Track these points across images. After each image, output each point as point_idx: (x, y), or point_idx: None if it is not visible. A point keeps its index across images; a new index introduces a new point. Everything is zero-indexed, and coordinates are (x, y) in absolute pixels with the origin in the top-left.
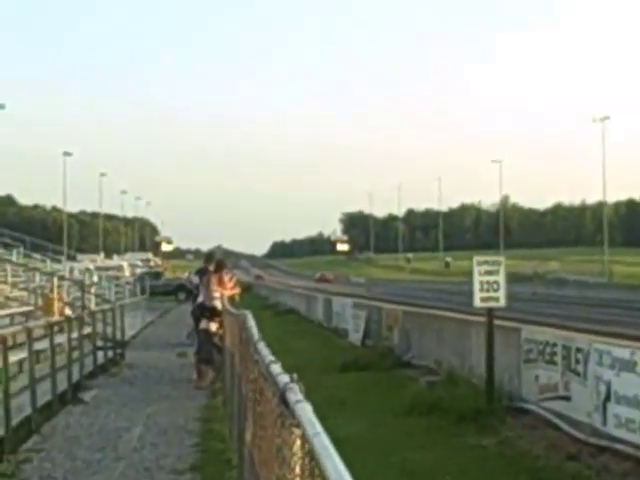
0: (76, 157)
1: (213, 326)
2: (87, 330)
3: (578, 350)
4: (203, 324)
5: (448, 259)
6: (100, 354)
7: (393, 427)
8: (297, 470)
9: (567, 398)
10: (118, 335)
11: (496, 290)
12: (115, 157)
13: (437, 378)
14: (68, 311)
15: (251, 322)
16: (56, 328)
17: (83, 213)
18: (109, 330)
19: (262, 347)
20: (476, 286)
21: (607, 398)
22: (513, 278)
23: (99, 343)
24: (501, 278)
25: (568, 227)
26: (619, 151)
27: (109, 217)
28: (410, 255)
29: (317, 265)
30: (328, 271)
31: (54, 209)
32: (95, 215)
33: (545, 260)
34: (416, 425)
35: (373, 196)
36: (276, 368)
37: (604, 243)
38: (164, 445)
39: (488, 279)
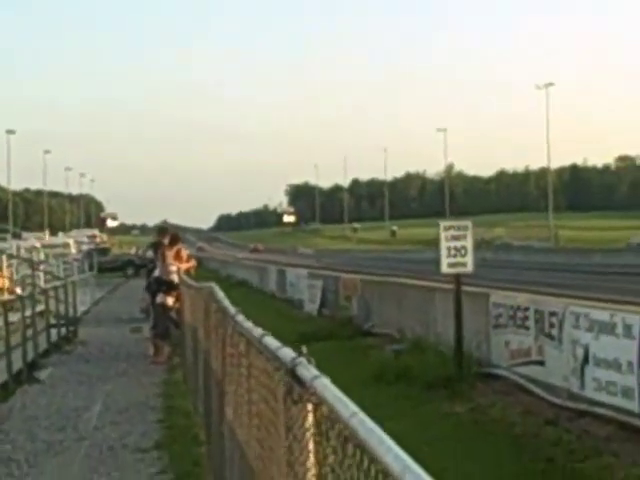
0: (19, 134)
1: (170, 300)
2: (39, 308)
3: (552, 314)
4: (159, 298)
5: (394, 228)
6: (53, 332)
7: (362, 397)
8: (310, 446)
9: (541, 363)
10: (70, 312)
11: (463, 255)
12: (59, 134)
13: (403, 346)
14: (18, 290)
15: (221, 294)
16: (8, 306)
17: (27, 191)
18: (61, 307)
19: (243, 320)
20: (443, 252)
21: (585, 361)
22: None
23: (52, 321)
24: (468, 243)
25: (512, 194)
26: (562, 118)
27: (54, 194)
28: (356, 225)
29: (264, 237)
30: (261, 243)
31: None
32: (39, 193)
33: (491, 227)
34: (385, 394)
35: (319, 167)
36: (272, 341)
37: (549, 208)
38: (126, 423)
39: (455, 244)
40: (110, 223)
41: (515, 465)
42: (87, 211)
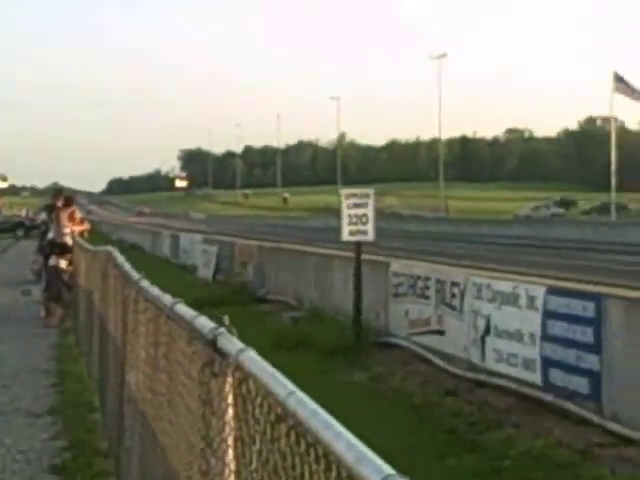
0: None
1: (63, 263)
2: None
3: (454, 284)
4: (52, 261)
5: (286, 195)
6: None
7: None
8: (231, 423)
9: (441, 332)
10: None
11: (365, 223)
12: None
13: (300, 314)
14: None
15: (121, 258)
16: None
17: None
18: None
19: (148, 285)
20: (344, 220)
21: (486, 332)
22: None
23: None
24: (370, 211)
25: (403, 163)
26: (452, 89)
27: None
28: (248, 191)
29: (156, 201)
30: (148, 207)
31: None
32: None
33: (382, 196)
34: (283, 362)
35: (212, 133)
36: (185, 309)
37: (439, 178)
38: (18, 386)
39: (357, 212)
40: None
41: (416, 436)
42: None
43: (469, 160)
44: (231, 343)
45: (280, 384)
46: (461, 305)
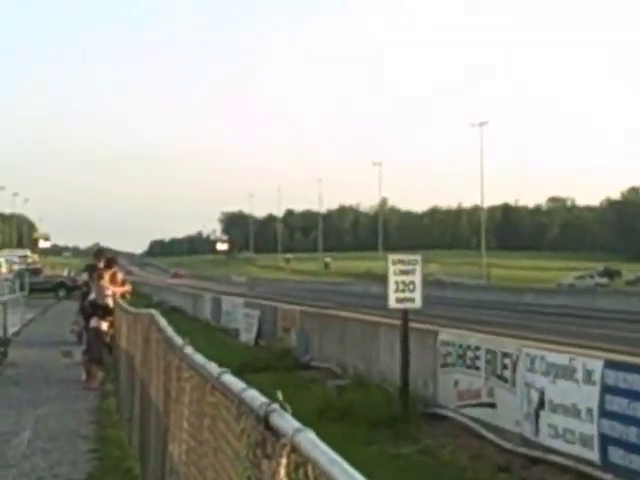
0: None
1: (104, 325)
2: None
3: (505, 355)
4: (94, 322)
5: (327, 260)
6: None
7: None
8: None
9: (492, 405)
10: (0, 333)
11: (412, 291)
12: None
13: (345, 382)
14: None
15: (163, 322)
16: None
17: None
18: None
19: (192, 352)
20: (391, 286)
21: (540, 406)
22: None
23: None
24: (417, 278)
25: (444, 230)
26: (494, 157)
27: None
28: (289, 255)
29: (197, 264)
30: (184, 269)
31: None
32: None
33: (424, 263)
34: (328, 432)
35: (253, 196)
36: (233, 380)
37: (481, 246)
38: (57, 451)
39: (404, 279)
40: (42, 244)
41: None
42: (19, 231)
43: (511, 228)
44: (286, 421)
45: (345, 474)
46: (513, 377)
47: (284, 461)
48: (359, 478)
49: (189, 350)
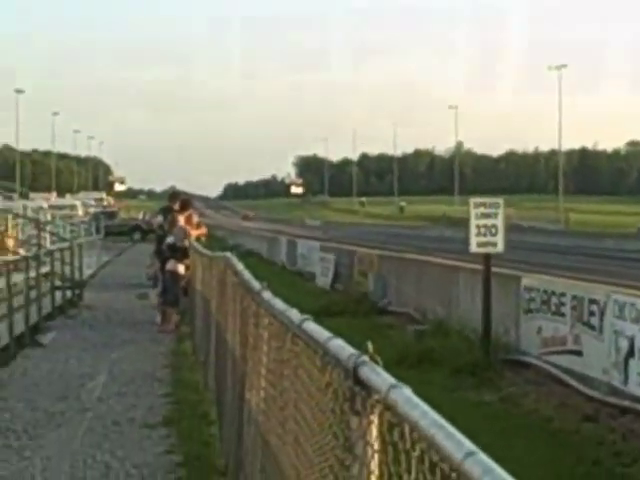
0: (28, 95)
1: (181, 268)
2: (44, 269)
3: (592, 301)
4: (170, 265)
5: (402, 204)
6: (58, 295)
7: None
8: (372, 467)
9: (578, 353)
10: (76, 275)
11: (494, 234)
12: (68, 95)
13: (424, 327)
14: (21, 250)
15: (240, 266)
16: (12, 267)
17: (36, 152)
18: (67, 270)
19: (271, 297)
20: (472, 230)
21: (630, 354)
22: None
23: (57, 283)
24: (499, 222)
25: (521, 174)
26: (572, 100)
27: (62, 156)
28: (364, 199)
29: (272, 207)
30: (253, 211)
31: (5, 147)
32: (47, 154)
33: None
34: (409, 378)
35: (328, 139)
36: (317, 328)
37: (559, 190)
38: (132, 395)
39: (486, 222)
40: (118, 187)
41: (558, 466)
42: (95, 174)
43: (588, 172)
44: (378, 376)
45: (453, 440)
46: (601, 325)
47: (376, 420)
48: (467, 445)
49: (267, 295)
